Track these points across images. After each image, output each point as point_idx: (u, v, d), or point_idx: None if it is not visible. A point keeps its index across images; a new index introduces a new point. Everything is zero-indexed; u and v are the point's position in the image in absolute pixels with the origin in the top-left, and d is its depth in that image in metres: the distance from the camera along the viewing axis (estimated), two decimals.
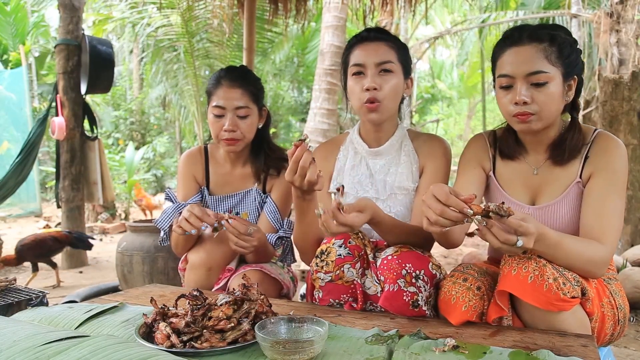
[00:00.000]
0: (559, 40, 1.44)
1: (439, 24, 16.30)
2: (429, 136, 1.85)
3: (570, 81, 1.48)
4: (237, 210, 2.09)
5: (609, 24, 5.33)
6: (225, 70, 2.03)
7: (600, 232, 1.40)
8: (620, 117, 3.92)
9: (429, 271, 1.47)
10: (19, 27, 11.53)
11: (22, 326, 1.21)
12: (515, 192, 1.60)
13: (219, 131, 1.94)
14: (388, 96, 1.68)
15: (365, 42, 1.71)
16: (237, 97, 1.93)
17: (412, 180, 1.75)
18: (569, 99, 1.50)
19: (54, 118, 4.58)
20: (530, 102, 1.43)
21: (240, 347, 1.19)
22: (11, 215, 8.60)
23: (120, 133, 12.45)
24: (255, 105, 1.98)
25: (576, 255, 1.32)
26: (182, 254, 2.03)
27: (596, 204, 1.43)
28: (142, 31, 8.13)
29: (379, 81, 1.66)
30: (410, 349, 1.18)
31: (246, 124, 1.95)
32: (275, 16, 5.19)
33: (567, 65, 1.45)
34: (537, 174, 1.58)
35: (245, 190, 2.08)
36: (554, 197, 1.53)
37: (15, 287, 1.81)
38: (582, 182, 1.50)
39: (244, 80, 1.97)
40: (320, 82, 7.25)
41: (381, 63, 1.67)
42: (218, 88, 1.95)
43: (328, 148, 1.92)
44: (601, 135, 1.52)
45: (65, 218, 4.72)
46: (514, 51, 1.46)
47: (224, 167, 2.11)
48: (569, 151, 1.51)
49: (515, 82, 1.45)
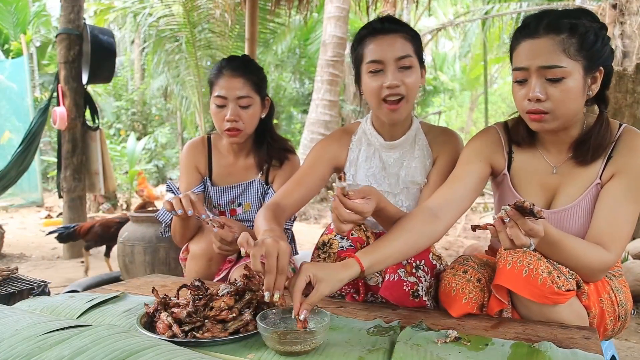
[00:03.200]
0: (581, 30, 1.31)
1: (441, 15, 16.21)
2: (442, 130, 1.80)
3: (595, 73, 1.36)
4: (240, 201, 2.08)
5: (613, 16, 5.29)
6: (227, 59, 2.00)
7: (608, 239, 1.34)
8: (624, 109, 3.90)
9: (429, 261, 1.47)
10: (20, 17, 11.47)
11: (23, 315, 1.21)
12: (530, 194, 1.51)
13: (221, 122, 1.92)
14: (410, 93, 1.60)
15: (381, 34, 1.61)
16: (239, 86, 1.90)
17: (425, 174, 1.72)
18: (592, 92, 1.37)
19: (55, 108, 4.57)
20: (544, 98, 1.33)
21: (242, 337, 1.19)
22: (13, 205, 8.61)
23: (121, 123, 12.44)
24: (257, 95, 1.96)
25: (575, 256, 1.30)
26: (182, 243, 2.03)
27: (610, 209, 1.36)
28: (144, 21, 8.09)
29: (400, 77, 1.58)
30: (412, 340, 1.18)
31: (248, 114, 1.93)
32: (277, 7, 5.16)
33: (590, 56, 1.32)
34: (556, 173, 1.48)
35: (248, 181, 2.07)
36: (572, 200, 1.44)
37: (17, 276, 1.81)
38: (601, 183, 1.41)
39: (246, 70, 1.94)
40: (323, 74, 7.23)
41: (400, 58, 1.58)
42: (220, 78, 1.93)
43: (340, 137, 1.84)
44: (628, 133, 1.41)
45: (67, 208, 4.72)
46: (529, 43, 1.35)
47: (226, 158, 2.09)
48: (593, 150, 1.40)
49: (530, 77, 1.35)
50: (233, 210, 2.11)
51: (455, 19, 11.35)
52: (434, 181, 1.69)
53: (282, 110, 12.86)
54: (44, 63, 12.57)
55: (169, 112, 13.38)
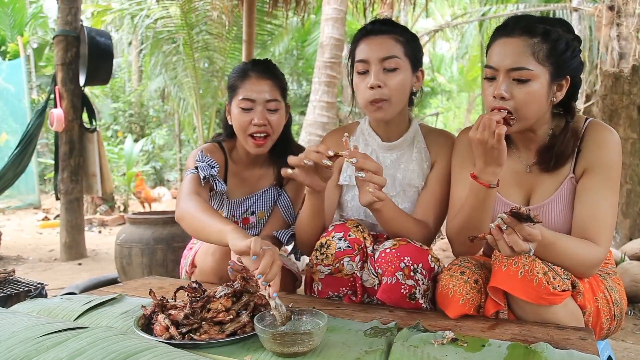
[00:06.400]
0: (553, 37, 1.37)
1: (439, 17, 16.24)
2: (441, 132, 1.81)
3: (561, 81, 1.41)
4: (254, 210, 2.00)
5: (609, 18, 5.32)
6: (252, 62, 1.91)
7: (595, 233, 1.37)
8: (620, 111, 3.91)
9: (427, 264, 1.47)
10: (17, 18, 11.45)
11: (21, 317, 1.21)
12: (508, 193, 1.55)
13: (247, 126, 1.80)
14: (394, 94, 1.60)
15: (370, 35, 1.63)
16: (268, 89, 1.82)
17: (423, 177, 1.73)
18: (556, 100, 1.42)
19: (52, 110, 4.56)
20: (508, 97, 1.37)
21: (239, 339, 1.19)
22: (10, 207, 8.59)
23: (119, 125, 12.40)
24: (283, 100, 1.88)
25: (569, 256, 1.32)
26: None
27: (591, 204, 1.40)
28: (141, 23, 8.08)
29: (383, 78, 1.59)
30: (409, 341, 1.19)
31: (276, 118, 1.83)
32: (275, 8, 5.17)
33: (558, 64, 1.37)
34: (530, 172, 1.53)
35: (262, 190, 1.99)
36: (548, 195, 1.49)
37: (14, 278, 1.81)
38: (575, 177, 1.45)
39: (273, 74, 1.87)
40: (320, 75, 7.22)
41: (385, 59, 1.59)
42: (246, 81, 1.82)
43: (338, 136, 1.82)
44: (593, 127, 1.45)
45: (64, 210, 4.71)
46: (502, 42, 1.40)
47: (241, 169, 1.99)
48: (556, 159, 1.45)
49: (498, 75, 1.39)
50: (246, 220, 2.01)
51: (452, 21, 11.37)
52: (433, 186, 1.70)
53: None
54: (41, 65, 12.55)
55: (167, 114, 13.34)
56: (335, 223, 1.60)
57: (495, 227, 1.19)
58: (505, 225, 1.17)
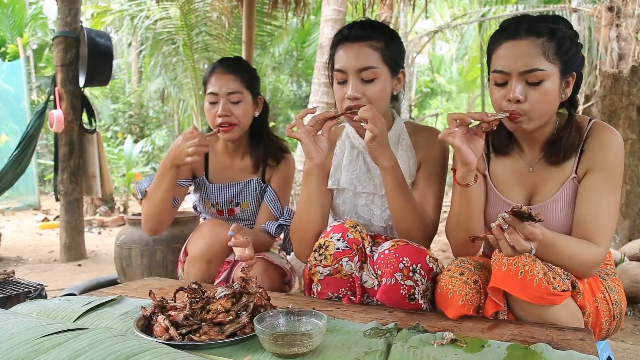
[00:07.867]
0: (559, 35, 1.37)
1: (438, 18, 16.26)
2: (427, 129, 1.81)
3: (569, 77, 1.42)
4: (238, 201, 2.09)
5: (609, 19, 5.33)
6: (220, 60, 2.07)
7: (596, 234, 1.38)
8: (620, 111, 3.92)
9: (426, 265, 1.47)
10: (17, 19, 11.46)
11: (20, 319, 1.21)
12: (510, 193, 1.56)
13: (213, 118, 1.95)
14: (374, 103, 1.58)
15: (347, 42, 1.62)
16: (229, 82, 1.95)
17: (409, 175, 1.73)
18: (566, 96, 1.43)
19: (52, 111, 4.56)
20: (523, 100, 1.37)
21: (239, 339, 1.19)
22: (9, 208, 8.58)
23: (118, 126, 12.41)
24: (248, 92, 1.99)
25: (569, 256, 1.33)
26: (155, 228, 1.96)
27: (592, 204, 1.40)
28: (141, 24, 8.09)
29: (361, 89, 1.58)
30: (409, 342, 1.19)
31: (239, 109, 1.96)
32: (274, 9, 5.17)
33: (565, 61, 1.38)
34: (533, 171, 1.53)
35: (246, 180, 2.09)
36: (550, 195, 1.49)
37: (14, 279, 1.81)
38: (577, 177, 1.46)
39: (237, 67, 2.01)
40: (320, 76, 7.22)
41: (362, 70, 1.58)
42: (212, 76, 1.98)
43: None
44: (597, 127, 1.46)
45: (64, 211, 4.71)
46: (510, 45, 1.39)
47: (222, 159, 2.11)
48: (564, 151, 1.45)
49: (510, 79, 1.38)
50: (231, 210, 2.12)
51: (452, 22, 11.38)
52: (422, 184, 1.71)
53: (280, 113, 12.86)
54: (41, 66, 12.56)
55: (166, 115, 13.35)
56: (334, 224, 1.60)
57: (496, 227, 1.19)
58: (506, 224, 1.17)
